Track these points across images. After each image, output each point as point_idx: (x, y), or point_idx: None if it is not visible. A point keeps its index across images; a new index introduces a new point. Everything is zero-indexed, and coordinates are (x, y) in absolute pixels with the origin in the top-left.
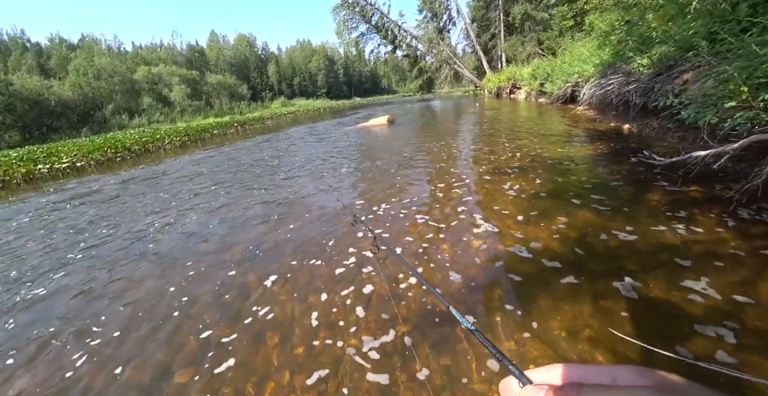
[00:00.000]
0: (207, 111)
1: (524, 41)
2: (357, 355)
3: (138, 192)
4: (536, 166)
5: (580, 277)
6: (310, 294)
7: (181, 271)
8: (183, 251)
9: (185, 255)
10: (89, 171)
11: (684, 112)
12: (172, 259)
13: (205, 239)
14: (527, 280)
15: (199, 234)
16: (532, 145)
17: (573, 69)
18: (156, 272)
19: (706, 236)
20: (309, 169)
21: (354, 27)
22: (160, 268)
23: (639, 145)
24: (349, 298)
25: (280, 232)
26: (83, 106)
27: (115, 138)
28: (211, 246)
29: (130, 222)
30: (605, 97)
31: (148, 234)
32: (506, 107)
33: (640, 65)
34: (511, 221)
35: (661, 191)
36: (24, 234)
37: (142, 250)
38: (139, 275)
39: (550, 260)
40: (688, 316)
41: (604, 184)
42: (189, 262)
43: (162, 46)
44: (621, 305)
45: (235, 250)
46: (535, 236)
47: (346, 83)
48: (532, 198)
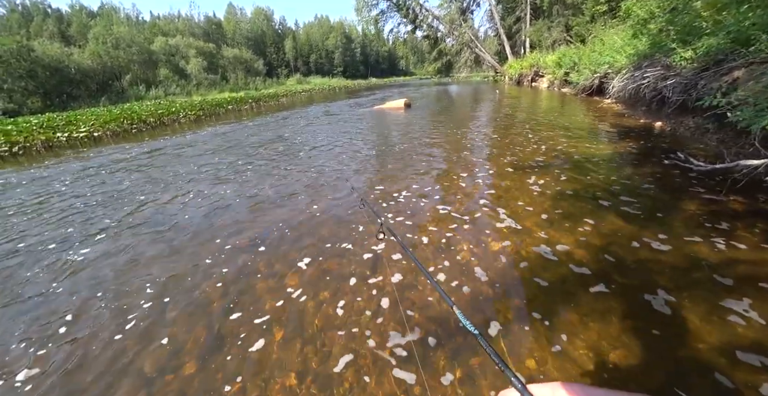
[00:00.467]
0: (222, 85)
1: (551, 26)
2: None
3: (159, 164)
4: (561, 161)
5: (608, 289)
6: (320, 285)
7: (192, 252)
8: (199, 226)
9: (201, 230)
10: (106, 141)
11: (732, 113)
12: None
13: (226, 216)
14: (551, 287)
15: (220, 209)
16: (556, 138)
17: (603, 59)
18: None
19: (750, 254)
20: (326, 152)
21: (374, 4)
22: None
23: (673, 145)
24: (356, 293)
25: (298, 214)
26: (102, 75)
27: (131, 109)
28: (229, 225)
29: (150, 195)
30: (638, 91)
31: (165, 210)
32: (527, 96)
33: (682, 58)
34: (536, 220)
35: (699, 200)
36: (62, 196)
37: (160, 224)
38: (150, 253)
39: (576, 266)
40: (729, 342)
41: (634, 186)
42: (205, 238)
43: (180, 17)
44: (652, 324)
45: (249, 233)
46: (559, 239)
47: (363, 63)
48: (557, 196)
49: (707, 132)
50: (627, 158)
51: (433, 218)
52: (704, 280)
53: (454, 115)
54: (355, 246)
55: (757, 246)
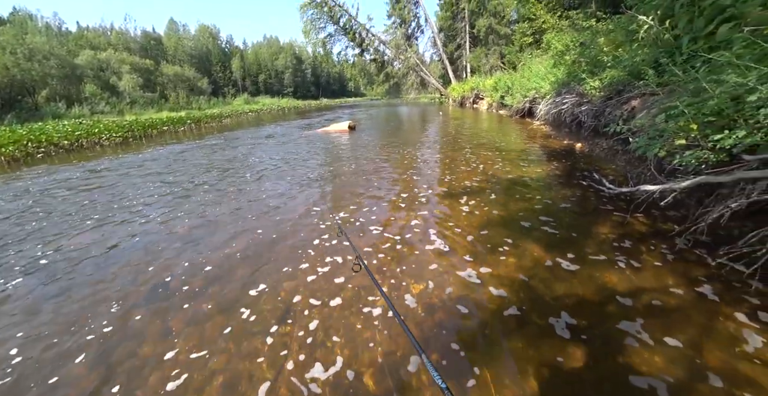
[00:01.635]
0: (162, 104)
1: (488, 53)
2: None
3: (60, 197)
4: (493, 183)
5: (519, 312)
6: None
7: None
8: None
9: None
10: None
11: (632, 139)
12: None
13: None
14: (469, 312)
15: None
16: (492, 159)
17: (531, 85)
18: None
19: (647, 274)
20: (263, 181)
21: (322, 27)
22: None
23: (589, 166)
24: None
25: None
26: (9, 89)
27: (41, 129)
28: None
29: (42, 242)
30: (559, 115)
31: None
32: (469, 118)
33: (591, 87)
34: (463, 243)
35: (609, 221)
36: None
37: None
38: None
39: (495, 288)
40: (623, 364)
41: (554, 208)
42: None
43: (112, 30)
44: (555, 350)
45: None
46: (483, 260)
47: (314, 83)
48: (485, 218)
49: (617, 153)
50: (551, 180)
51: (372, 243)
52: (606, 300)
53: (398, 138)
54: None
55: (653, 265)
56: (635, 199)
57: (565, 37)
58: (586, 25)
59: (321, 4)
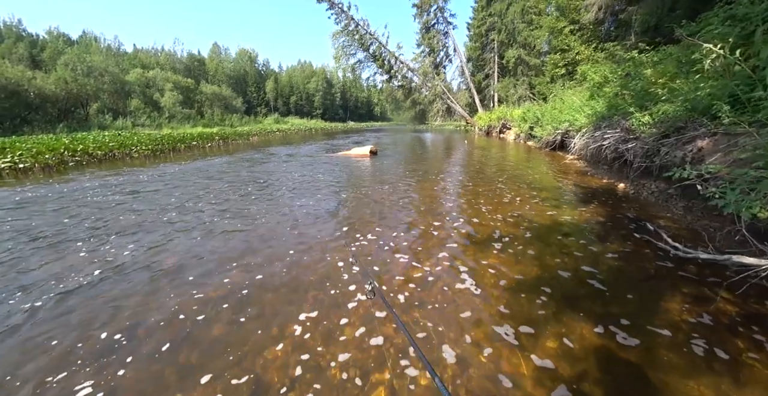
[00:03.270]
0: (197, 120)
1: (516, 84)
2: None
3: (69, 209)
4: (525, 227)
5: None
6: None
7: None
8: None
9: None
10: (30, 175)
11: (702, 187)
12: None
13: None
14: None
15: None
16: (521, 196)
17: (564, 117)
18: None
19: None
20: (274, 205)
21: (352, 53)
22: None
23: (640, 214)
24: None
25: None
26: (65, 101)
27: (83, 139)
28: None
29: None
30: (599, 151)
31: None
32: (495, 147)
33: (641, 123)
34: (491, 310)
35: (682, 295)
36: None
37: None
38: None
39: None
40: None
41: (603, 267)
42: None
43: (162, 52)
44: None
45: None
46: (519, 338)
47: (342, 107)
48: (518, 276)
49: (671, 198)
50: (594, 227)
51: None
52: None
53: (421, 165)
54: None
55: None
56: (720, 270)
57: (603, 69)
58: (627, 56)
59: (353, 32)
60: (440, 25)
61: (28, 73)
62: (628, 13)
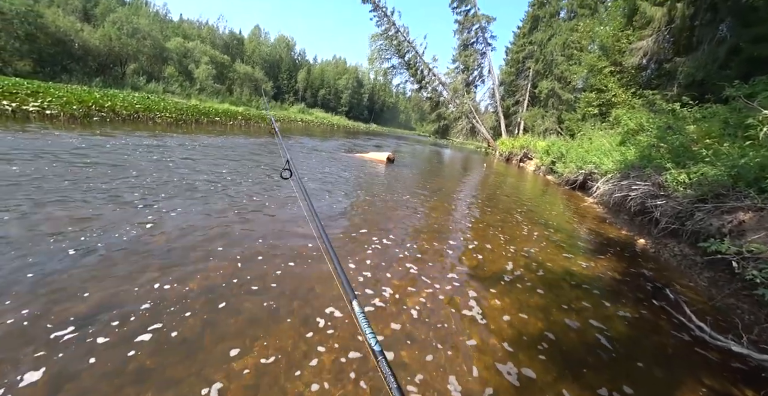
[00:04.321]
0: (225, 96)
1: (545, 115)
2: None
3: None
4: (533, 271)
5: None
6: None
7: None
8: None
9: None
10: (55, 123)
11: (739, 266)
12: None
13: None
14: None
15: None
16: (533, 235)
17: (590, 158)
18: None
19: None
20: (278, 204)
21: (387, 58)
22: None
23: (658, 276)
24: None
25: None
26: (106, 57)
27: (113, 96)
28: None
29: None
30: (624, 201)
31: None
32: (513, 176)
33: (675, 181)
34: (487, 374)
35: (703, 389)
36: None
37: None
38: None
39: None
40: None
41: (619, 335)
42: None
43: (206, 26)
44: None
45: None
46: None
47: (368, 108)
48: (521, 330)
49: (695, 265)
50: (609, 284)
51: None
52: None
53: (435, 182)
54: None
55: None
56: (756, 370)
57: (639, 116)
58: (667, 107)
59: (392, 37)
60: (479, 44)
61: (77, 25)
62: (674, 63)
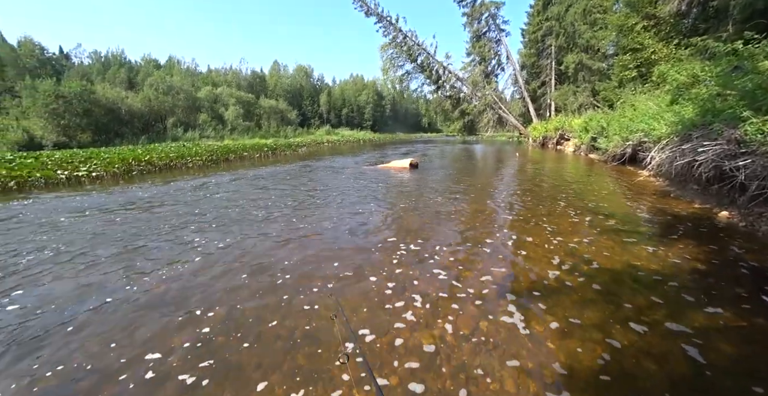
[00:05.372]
0: (255, 132)
1: (576, 91)
2: None
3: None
4: (586, 274)
5: None
6: None
7: None
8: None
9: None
10: (102, 182)
11: None
12: None
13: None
14: None
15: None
16: (581, 226)
17: (636, 126)
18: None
19: None
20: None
21: (400, 65)
22: None
23: (760, 259)
24: None
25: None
26: (148, 116)
27: (152, 150)
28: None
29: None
30: (689, 168)
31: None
32: (551, 161)
33: (759, 131)
34: None
35: None
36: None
37: None
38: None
39: None
40: None
41: (709, 351)
42: None
43: (231, 70)
44: None
45: None
46: None
47: (392, 118)
48: (574, 362)
49: None
50: (689, 278)
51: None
52: None
53: (464, 183)
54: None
55: None
56: None
57: (690, 67)
58: (725, 49)
59: (400, 43)
60: (492, 32)
61: (122, 94)
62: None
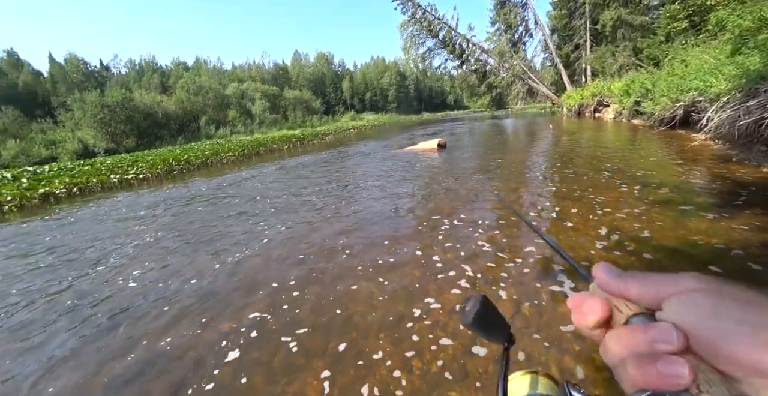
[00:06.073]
0: (282, 123)
1: (615, 51)
2: None
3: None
4: (637, 253)
5: None
6: None
7: None
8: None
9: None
10: (149, 183)
11: None
12: None
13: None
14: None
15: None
16: (627, 199)
17: (690, 84)
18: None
19: None
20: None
21: (421, 42)
22: None
23: None
24: None
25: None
26: (183, 117)
27: (189, 149)
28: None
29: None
30: (757, 128)
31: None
32: (589, 131)
33: None
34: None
35: None
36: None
37: None
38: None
39: None
40: None
41: None
42: None
43: (254, 65)
44: None
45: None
46: None
47: (416, 98)
48: None
49: None
50: (763, 251)
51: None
52: None
53: (495, 160)
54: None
55: None
56: None
57: (756, 10)
58: None
59: (420, 19)
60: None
61: (157, 98)
62: None
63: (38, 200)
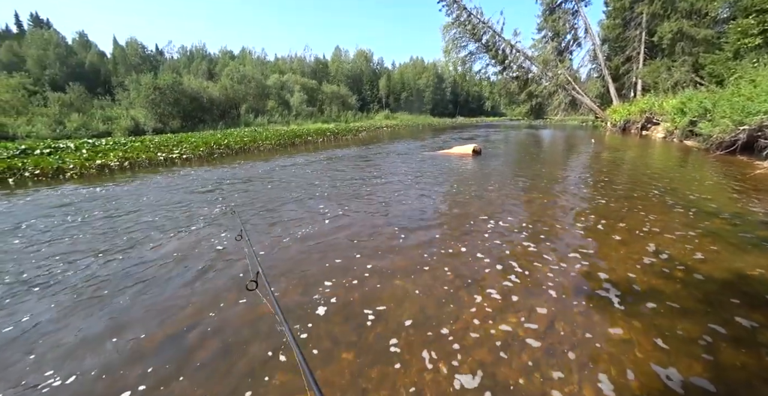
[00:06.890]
0: (318, 116)
1: (672, 66)
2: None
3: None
4: (687, 288)
5: None
6: None
7: None
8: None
9: None
10: (191, 163)
11: None
12: None
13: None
14: None
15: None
16: (679, 227)
17: (759, 106)
18: None
19: None
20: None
21: (463, 46)
22: None
23: None
24: None
25: None
26: (225, 104)
27: (229, 135)
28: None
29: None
30: None
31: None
32: (634, 148)
33: None
34: None
35: None
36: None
37: None
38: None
39: None
40: None
41: None
42: None
43: (296, 58)
44: None
45: None
46: None
47: (452, 101)
48: None
49: None
50: None
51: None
52: None
53: (531, 171)
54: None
55: None
56: None
57: None
58: None
59: (464, 22)
60: (568, 3)
61: (203, 84)
62: None
63: (95, 170)
